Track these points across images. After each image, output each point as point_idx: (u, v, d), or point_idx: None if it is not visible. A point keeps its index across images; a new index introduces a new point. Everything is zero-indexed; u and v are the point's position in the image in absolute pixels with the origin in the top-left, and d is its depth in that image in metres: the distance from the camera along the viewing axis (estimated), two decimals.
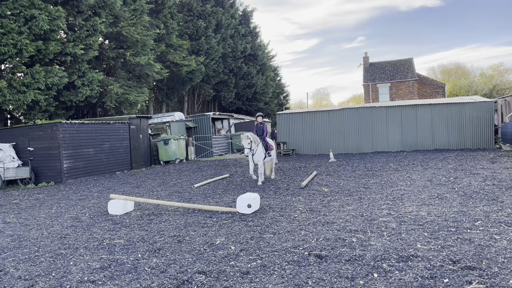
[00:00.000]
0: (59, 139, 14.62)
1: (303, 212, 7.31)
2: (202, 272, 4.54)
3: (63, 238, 6.52)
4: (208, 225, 6.76)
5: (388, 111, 20.57)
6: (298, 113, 22.70)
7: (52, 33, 16.48)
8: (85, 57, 18.54)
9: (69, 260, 5.31)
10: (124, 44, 22.21)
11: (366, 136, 20.77)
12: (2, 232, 7.28)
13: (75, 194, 11.55)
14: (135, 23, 22.21)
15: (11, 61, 15.24)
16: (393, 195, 8.51)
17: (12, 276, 4.84)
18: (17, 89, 15.37)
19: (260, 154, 10.97)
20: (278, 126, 22.97)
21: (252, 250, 5.22)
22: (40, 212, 9.04)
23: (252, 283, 4.12)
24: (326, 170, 13.52)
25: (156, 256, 5.27)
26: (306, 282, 4.04)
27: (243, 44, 40.90)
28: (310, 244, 5.34)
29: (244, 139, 10.49)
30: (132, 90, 22.48)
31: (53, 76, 16.41)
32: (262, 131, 11.57)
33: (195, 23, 33.92)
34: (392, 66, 42.37)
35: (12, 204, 10.48)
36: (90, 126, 16.25)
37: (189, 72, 31.16)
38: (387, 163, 14.80)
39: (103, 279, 4.53)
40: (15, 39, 14.71)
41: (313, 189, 9.86)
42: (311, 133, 21.88)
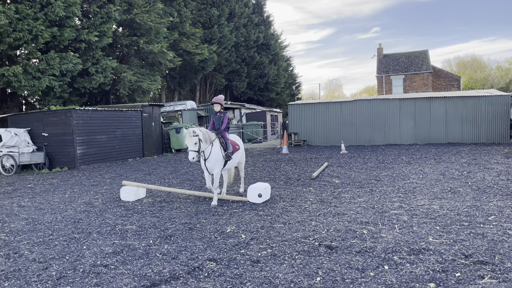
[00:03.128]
0: (73, 125, 14.79)
1: (313, 203, 7.31)
2: (213, 260, 4.58)
3: (76, 223, 6.63)
4: (219, 214, 6.81)
5: (401, 103, 20.34)
6: (310, 104, 22.58)
7: (67, 19, 16.57)
8: (99, 44, 18.64)
9: (82, 244, 5.40)
10: (137, 32, 22.24)
11: (379, 128, 20.60)
12: (17, 215, 7.43)
13: (88, 180, 11.71)
14: (149, 11, 22.20)
15: (26, 47, 15.38)
16: (405, 188, 8.45)
17: (27, 258, 4.94)
18: (32, 75, 15.54)
19: (216, 158, 7.45)
20: (289, 117, 22.89)
21: (263, 239, 5.25)
22: (54, 197, 9.19)
23: (262, 272, 4.14)
24: (337, 162, 13.47)
25: (167, 242, 5.33)
26: (316, 272, 4.05)
27: (256, 33, 40.66)
28: (320, 234, 5.34)
29: (188, 137, 7.08)
30: (145, 78, 22.56)
31: (67, 63, 16.55)
32: (221, 122, 7.98)
33: (208, 11, 33.78)
34: (407, 57, 41.76)
35: (26, 188, 10.68)
36: (103, 113, 16.39)
37: (201, 61, 31.13)
38: (399, 155, 14.67)
39: (115, 264, 4.60)
40: (31, 25, 14.84)
41: (324, 180, 9.83)
42: (323, 124, 21.76)
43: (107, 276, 4.22)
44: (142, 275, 4.20)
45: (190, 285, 3.91)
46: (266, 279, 3.95)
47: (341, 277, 3.91)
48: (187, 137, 7.13)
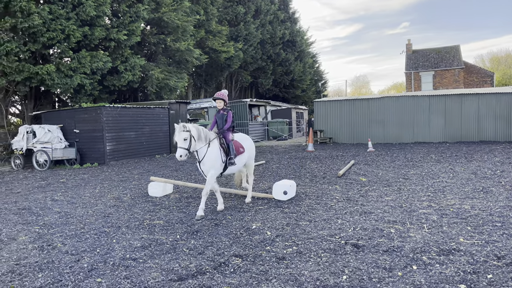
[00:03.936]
0: (103, 122, 15.18)
1: (339, 201, 7.25)
2: (239, 256, 4.61)
3: (106, 217, 6.81)
4: (244, 210, 6.85)
5: (431, 100, 19.83)
6: (336, 101, 22.33)
7: (98, 19, 16.99)
8: (128, 43, 19.02)
9: (112, 238, 5.55)
10: (165, 30, 22.56)
11: (407, 126, 20.16)
12: (51, 209, 7.70)
13: (117, 176, 12.00)
14: (176, 9, 22.47)
15: (59, 46, 15.88)
16: (434, 187, 8.24)
17: (59, 250, 5.12)
18: (64, 73, 16.04)
19: (212, 161, 6.55)
20: (315, 114, 22.72)
21: (288, 237, 5.24)
22: (85, 191, 9.47)
23: (288, 269, 4.14)
24: (364, 160, 13.28)
25: (194, 238, 5.41)
26: (343, 271, 4.02)
27: (281, 30, 40.48)
28: (346, 233, 5.29)
29: (178, 132, 6.21)
30: (172, 75, 22.88)
31: (97, 61, 16.98)
32: (224, 121, 7.08)
33: (235, 9, 33.88)
34: (437, 53, 40.62)
35: (59, 183, 11.04)
36: (132, 110, 16.74)
37: (227, 59, 31.28)
38: (428, 154, 14.33)
39: (143, 258, 4.70)
40: (63, 24, 15.30)
41: (350, 178, 9.72)
42: (349, 122, 21.49)
43: (136, 270, 4.32)
44: (169, 270, 4.28)
45: (216, 280, 3.96)
46: (292, 276, 3.95)
47: (367, 276, 3.87)
48: (176, 132, 6.22)
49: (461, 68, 38.36)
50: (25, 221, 6.72)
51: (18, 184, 11.20)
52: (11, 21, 13.95)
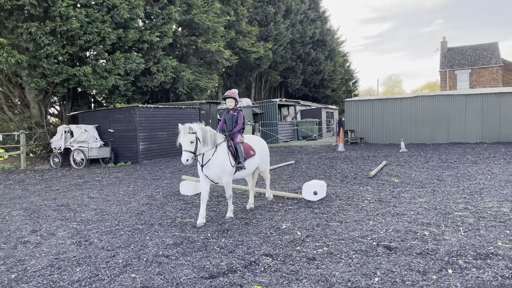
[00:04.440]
0: (136, 122, 15.57)
1: (371, 202, 7.13)
2: (269, 255, 4.63)
3: (139, 215, 6.99)
4: (274, 210, 6.86)
5: (467, 99, 19.17)
6: (368, 101, 21.97)
7: (132, 21, 17.44)
8: (160, 44, 19.41)
9: (145, 235, 5.69)
10: (196, 31, 22.87)
11: (441, 126, 19.58)
12: (87, 206, 7.98)
13: (149, 174, 12.28)
14: (207, 10, 22.74)
15: (95, 48, 16.41)
16: (471, 189, 7.97)
17: (96, 246, 5.30)
18: (100, 74, 16.55)
19: (218, 165, 6.11)
20: (346, 114, 22.45)
21: (318, 237, 5.22)
22: (119, 190, 9.76)
23: (318, 269, 4.13)
24: (397, 160, 13.01)
25: (224, 236, 5.47)
26: (375, 273, 3.97)
27: (311, 29, 40.18)
28: (378, 234, 5.21)
29: (183, 134, 5.74)
30: (203, 76, 23.17)
31: (131, 63, 17.42)
32: (235, 122, 6.62)
33: (265, 9, 33.91)
34: (474, 51, 39.18)
35: (95, 181, 11.42)
36: (164, 111, 17.08)
37: (257, 59, 31.36)
38: (464, 155, 13.86)
39: (176, 255, 4.80)
40: (99, 27, 15.79)
41: (382, 179, 9.55)
42: (381, 122, 21.09)
43: (169, 266, 4.42)
44: (201, 267, 4.35)
45: (247, 278, 3.99)
46: (323, 276, 3.93)
47: (400, 279, 3.79)
48: (181, 134, 5.75)
49: (500, 66, 36.84)
50: (64, 217, 7.00)
51: (56, 181, 11.67)
52: (51, 25, 14.54)
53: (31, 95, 17.11)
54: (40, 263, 4.72)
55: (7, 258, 4.95)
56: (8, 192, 10.14)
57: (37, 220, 6.86)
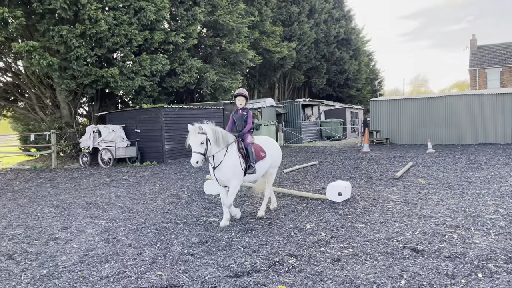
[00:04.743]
0: (162, 122, 15.83)
1: (397, 204, 7.02)
2: (293, 255, 4.63)
3: (165, 213, 7.11)
4: (297, 210, 6.84)
5: (498, 98, 18.56)
6: (394, 100, 21.59)
7: (157, 23, 17.73)
8: (185, 46, 19.66)
9: (171, 234, 5.78)
10: (220, 32, 23.05)
11: (471, 126, 19.03)
12: (115, 204, 8.17)
13: (174, 174, 12.46)
14: (231, 11, 22.88)
15: (122, 50, 16.78)
16: (502, 191, 7.72)
17: (123, 243, 5.43)
18: (127, 75, 16.91)
19: (230, 168, 5.87)
20: (371, 114, 22.13)
21: (343, 238, 5.17)
22: (145, 188, 9.95)
23: (343, 271, 4.09)
24: (424, 161, 12.73)
25: (248, 236, 5.50)
26: (401, 275, 3.90)
27: (336, 29, 39.79)
28: (405, 236, 5.12)
29: (193, 134, 5.55)
30: (227, 77, 23.33)
31: (157, 64, 17.72)
32: (244, 122, 6.29)
33: (289, 9, 33.81)
34: (505, 49, 37.87)
35: (122, 180, 11.68)
36: (189, 111, 17.30)
37: (280, 59, 31.31)
38: (494, 156, 13.43)
39: (200, 253, 4.86)
40: (126, 29, 16.14)
41: (408, 181, 9.37)
42: (407, 122, 20.68)
43: (194, 265, 4.48)
44: (225, 266, 4.40)
45: (271, 278, 4.00)
46: (347, 278, 3.90)
47: (428, 282, 3.72)
48: (191, 135, 5.53)
49: None
50: (92, 215, 7.19)
51: (85, 180, 12.00)
52: (81, 28, 14.97)
53: (61, 96, 17.64)
54: (71, 259, 4.88)
55: (39, 254, 5.14)
56: (40, 190, 10.50)
57: (67, 218, 7.08)
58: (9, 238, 5.95)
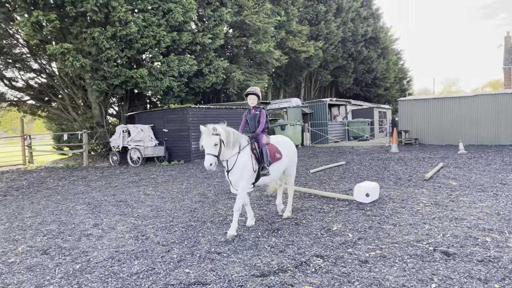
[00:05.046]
0: (189, 122, 16.04)
1: (427, 206, 6.85)
2: (320, 256, 4.60)
3: (192, 212, 7.21)
4: (324, 211, 6.79)
5: None
6: (423, 100, 21.08)
7: (185, 24, 17.98)
8: (212, 46, 19.85)
9: (198, 232, 5.86)
10: (246, 32, 23.14)
11: (505, 126, 18.34)
12: (144, 202, 8.35)
13: (201, 173, 12.60)
14: (258, 11, 22.93)
15: (151, 51, 17.12)
16: None
17: (152, 241, 5.54)
18: (155, 76, 17.24)
19: (240, 168, 5.58)
20: (399, 114, 21.69)
21: (371, 240, 5.10)
22: (173, 187, 10.11)
23: (371, 272, 4.04)
24: (455, 162, 12.38)
25: (274, 236, 5.50)
26: (431, 279, 3.82)
27: (364, 27, 39.21)
28: (435, 239, 5.00)
29: (206, 136, 5.32)
30: (253, 76, 23.40)
31: (184, 64, 17.97)
32: (257, 122, 6.00)
33: (315, 8, 33.58)
34: None
35: (150, 179, 11.91)
36: (215, 111, 17.45)
37: (307, 58, 31.14)
38: None
39: (227, 252, 4.90)
40: (155, 31, 16.45)
41: (438, 182, 9.14)
42: (438, 122, 20.15)
43: (221, 263, 4.53)
44: (252, 265, 4.42)
45: (298, 279, 4.00)
46: (376, 280, 3.85)
47: (460, 286, 3.63)
48: (204, 136, 5.27)
49: None
50: (122, 213, 7.38)
51: (115, 178, 12.30)
52: (112, 30, 15.36)
53: (93, 97, 18.16)
54: (102, 255, 5.02)
55: (72, 249, 5.31)
56: (72, 187, 10.85)
57: (99, 215, 7.28)
58: (44, 233, 6.18)
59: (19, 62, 19.57)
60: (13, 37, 18.74)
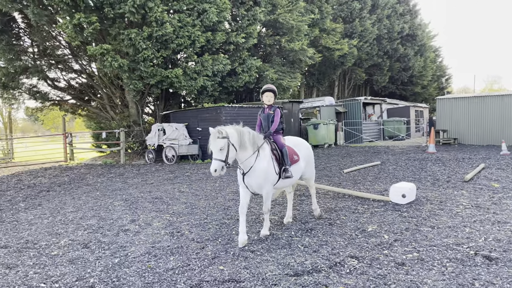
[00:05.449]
0: (222, 121, 16.18)
1: (467, 208, 6.61)
2: (354, 257, 4.54)
3: (226, 209, 7.28)
4: (359, 211, 6.69)
5: None
6: (463, 98, 20.31)
7: (219, 24, 18.16)
8: (246, 45, 19.93)
9: (231, 230, 5.91)
10: (280, 31, 23.08)
11: None
12: (178, 199, 8.51)
13: (234, 171, 12.69)
14: (291, 10, 22.82)
15: (186, 51, 17.40)
16: None
17: (187, 237, 5.65)
18: (190, 76, 17.52)
19: (261, 172, 5.20)
20: (437, 112, 21.00)
21: (408, 242, 4.98)
22: (206, 185, 10.25)
23: (408, 275, 3.94)
24: (497, 163, 11.85)
25: (308, 235, 5.47)
26: (472, 284, 3.68)
27: (400, 24, 38.19)
28: (476, 243, 4.82)
29: (213, 139, 4.93)
30: (286, 75, 23.31)
31: (218, 64, 18.15)
32: (270, 122, 5.73)
33: (350, 5, 33.04)
34: None
35: (184, 176, 12.13)
36: (248, 110, 17.53)
37: (340, 56, 30.70)
38: None
39: (261, 250, 4.92)
40: (190, 31, 16.71)
41: (479, 184, 8.78)
42: (478, 121, 19.35)
43: (254, 261, 4.55)
44: (285, 264, 4.41)
45: (332, 279, 3.96)
46: (413, 283, 3.75)
47: None
48: (211, 139, 4.92)
49: None
50: (158, 209, 7.55)
51: (151, 176, 12.61)
52: (148, 30, 15.74)
53: (130, 96, 18.68)
54: (139, 250, 5.16)
55: (111, 244, 5.50)
56: (111, 184, 11.21)
57: (135, 211, 7.49)
58: (84, 228, 6.43)
59: (61, 63, 20.43)
60: (56, 39, 19.56)
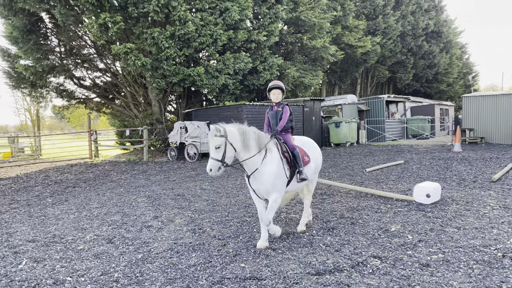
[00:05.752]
0: (243, 119, 16.10)
1: (494, 209, 6.42)
2: (377, 257, 4.48)
3: (247, 207, 7.30)
4: (381, 211, 6.59)
5: None
6: (490, 96, 19.73)
7: (241, 22, 18.21)
8: (267, 43, 19.91)
9: (252, 227, 5.93)
10: (301, 29, 22.94)
11: None
12: (200, 196, 8.59)
13: None
14: (313, 7, 22.65)
15: (208, 50, 17.53)
16: None
17: (208, 234, 5.69)
18: (211, 74, 17.64)
19: (269, 176, 4.81)
20: (463, 111, 20.48)
21: (433, 243, 4.88)
22: (227, 183, 10.30)
23: (433, 277, 3.86)
24: None
25: (330, 234, 5.43)
26: (500, 286, 3.58)
27: (425, 21, 37.37)
28: (504, 245, 4.68)
29: (210, 138, 4.63)
30: (307, 73, 23.16)
31: (240, 62, 18.21)
32: (278, 120, 5.39)
33: (373, 2, 32.55)
34: None
35: (206, 174, 12.22)
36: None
37: (363, 54, 30.30)
38: None
39: (282, 249, 4.92)
40: (212, 30, 16.82)
41: (508, 184, 8.52)
42: (507, 120, 18.77)
43: (275, 259, 4.55)
44: (307, 263, 4.40)
45: (354, 279, 3.92)
46: (438, 285, 3.68)
47: None
48: (209, 136, 4.65)
49: None
50: (180, 206, 7.64)
51: (173, 173, 12.77)
52: (171, 29, 15.93)
53: (152, 94, 18.94)
54: (162, 246, 5.24)
55: (134, 239, 5.59)
56: (134, 181, 11.41)
57: (158, 207, 7.60)
58: (108, 223, 6.57)
59: (87, 62, 20.90)
60: (81, 39, 20.02)
